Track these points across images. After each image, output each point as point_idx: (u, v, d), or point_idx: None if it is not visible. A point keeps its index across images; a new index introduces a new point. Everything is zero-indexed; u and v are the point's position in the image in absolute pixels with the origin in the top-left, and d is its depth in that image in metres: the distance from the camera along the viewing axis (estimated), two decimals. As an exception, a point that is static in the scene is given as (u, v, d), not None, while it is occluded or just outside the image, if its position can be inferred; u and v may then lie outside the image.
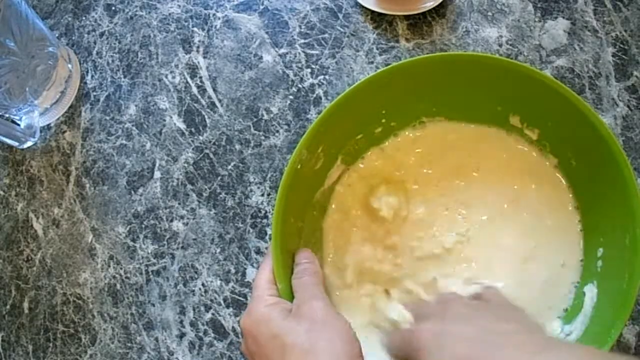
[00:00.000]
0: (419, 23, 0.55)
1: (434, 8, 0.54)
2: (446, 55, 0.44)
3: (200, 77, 0.57)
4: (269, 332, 0.36)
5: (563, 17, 0.54)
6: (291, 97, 0.55)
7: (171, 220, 0.54)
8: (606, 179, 0.41)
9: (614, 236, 0.41)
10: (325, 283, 0.44)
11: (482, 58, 0.43)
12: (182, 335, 0.52)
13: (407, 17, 0.55)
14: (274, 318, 0.37)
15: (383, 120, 0.47)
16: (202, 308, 0.52)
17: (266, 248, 0.52)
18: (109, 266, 0.54)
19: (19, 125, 0.56)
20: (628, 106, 0.51)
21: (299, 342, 0.35)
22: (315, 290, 0.39)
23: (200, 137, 0.56)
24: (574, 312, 0.42)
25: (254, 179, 0.54)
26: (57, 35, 0.62)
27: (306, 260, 0.42)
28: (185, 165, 0.55)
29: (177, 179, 0.55)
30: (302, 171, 0.43)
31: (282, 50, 0.57)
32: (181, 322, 0.52)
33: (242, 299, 0.51)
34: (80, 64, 0.61)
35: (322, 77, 0.55)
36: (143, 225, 0.55)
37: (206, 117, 0.56)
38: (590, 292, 0.41)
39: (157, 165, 0.56)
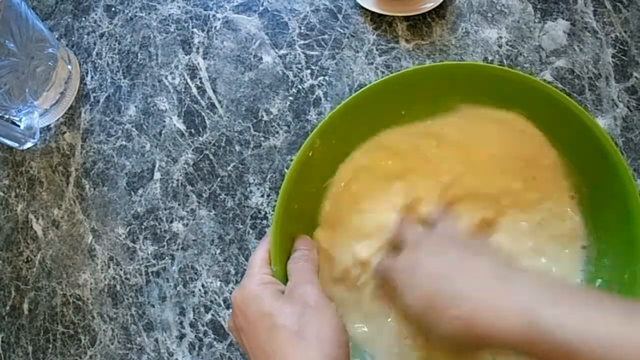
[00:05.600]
0: (419, 24, 0.55)
1: (433, 9, 0.54)
2: (474, 65, 0.44)
3: (200, 78, 0.57)
4: (259, 309, 0.36)
5: (563, 18, 0.54)
6: (291, 98, 0.55)
7: (171, 221, 0.54)
8: (613, 211, 0.40)
9: (614, 270, 0.40)
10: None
11: (500, 72, 0.43)
12: (182, 336, 0.51)
13: (406, 18, 0.55)
14: (266, 297, 0.37)
15: (400, 121, 0.46)
16: (202, 309, 0.52)
17: (266, 230, 0.52)
18: (109, 267, 0.54)
19: (18, 126, 0.56)
20: (628, 107, 0.51)
21: (289, 324, 0.35)
22: (310, 276, 0.39)
23: (200, 138, 0.56)
24: None
25: (254, 180, 0.54)
26: (56, 36, 0.62)
27: (305, 247, 0.42)
28: (185, 166, 0.55)
29: (177, 180, 0.55)
30: (313, 159, 0.43)
31: (282, 51, 0.57)
32: (181, 323, 0.52)
33: (241, 300, 0.51)
34: (80, 65, 0.61)
35: (321, 78, 0.55)
36: (143, 226, 0.55)
37: (206, 118, 0.56)
38: None
39: (156, 166, 0.56)
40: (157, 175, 0.56)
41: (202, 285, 0.52)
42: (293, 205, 0.42)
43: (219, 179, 0.54)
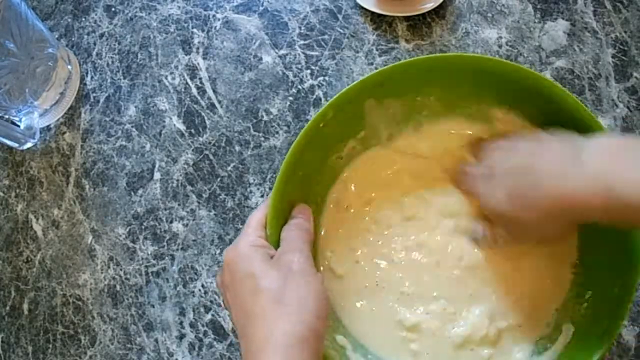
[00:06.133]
0: (419, 24, 0.55)
1: (433, 9, 0.54)
2: (506, 64, 0.43)
3: (200, 79, 0.57)
4: (246, 270, 0.37)
5: (563, 19, 0.54)
6: (291, 98, 0.55)
7: (171, 222, 0.54)
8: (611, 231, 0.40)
9: (604, 283, 0.40)
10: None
11: (521, 71, 0.42)
12: (181, 337, 0.51)
13: (406, 19, 0.55)
14: (255, 258, 0.37)
15: (416, 108, 0.46)
16: (202, 309, 0.52)
17: (267, 195, 0.52)
18: (109, 267, 0.54)
19: (18, 126, 0.56)
20: (628, 107, 0.51)
21: (272, 287, 0.35)
22: (301, 245, 0.39)
23: (200, 138, 0.56)
24: (545, 344, 0.42)
25: (254, 180, 0.54)
26: (56, 36, 0.62)
27: (301, 216, 0.43)
28: (185, 166, 0.55)
29: (177, 180, 0.55)
30: (324, 130, 0.43)
31: (282, 52, 0.57)
32: (181, 323, 0.52)
33: (241, 300, 0.51)
34: (80, 65, 0.61)
35: (321, 78, 0.55)
36: (143, 227, 0.55)
37: (206, 118, 0.56)
38: (567, 332, 0.41)
39: (156, 166, 0.56)
40: (157, 175, 0.56)
41: (202, 286, 0.52)
42: (297, 173, 0.42)
43: (219, 179, 0.54)
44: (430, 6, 0.54)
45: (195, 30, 0.59)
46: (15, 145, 0.56)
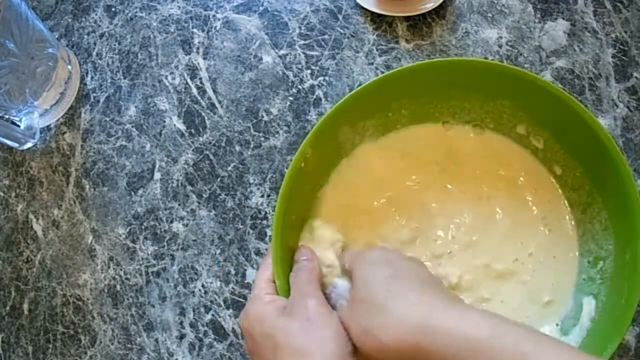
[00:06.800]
0: (419, 24, 0.55)
1: (433, 9, 0.54)
2: (461, 60, 0.44)
3: (200, 79, 0.57)
4: (262, 331, 0.36)
5: (563, 18, 0.54)
6: (291, 98, 0.55)
7: (171, 222, 0.54)
8: (609, 192, 0.40)
9: (614, 251, 0.40)
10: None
11: (487, 65, 0.43)
12: (182, 337, 0.52)
13: (407, 19, 0.55)
14: (268, 317, 0.37)
15: (390, 124, 0.47)
16: (202, 309, 0.52)
17: (266, 249, 0.52)
18: (109, 267, 0.54)
19: (18, 126, 0.56)
20: (628, 107, 0.51)
21: (290, 341, 0.35)
22: (309, 288, 0.39)
23: (200, 138, 0.56)
24: (571, 323, 0.42)
25: (254, 180, 0.54)
26: (57, 36, 0.62)
27: (304, 257, 0.42)
28: (185, 166, 0.55)
29: (177, 180, 0.55)
30: (306, 169, 0.43)
31: (282, 52, 0.57)
32: (181, 323, 0.52)
33: (242, 300, 0.51)
34: (80, 65, 0.61)
35: (322, 78, 0.55)
36: (143, 227, 0.55)
37: (206, 118, 0.56)
38: (589, 305, 0.41)
39: (157, 166, 0.56)
40: (157, 175, 0.56)
41: (202, 286, 0.52)
42: (291, 217, 0.42)
43: (219, 179, 0.54)
44: (430, 6, 0.54)
45: (195, 30, 0.59)
46: (15, 145, 0.56)
